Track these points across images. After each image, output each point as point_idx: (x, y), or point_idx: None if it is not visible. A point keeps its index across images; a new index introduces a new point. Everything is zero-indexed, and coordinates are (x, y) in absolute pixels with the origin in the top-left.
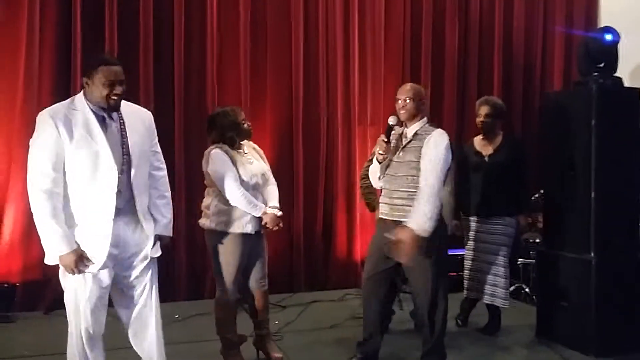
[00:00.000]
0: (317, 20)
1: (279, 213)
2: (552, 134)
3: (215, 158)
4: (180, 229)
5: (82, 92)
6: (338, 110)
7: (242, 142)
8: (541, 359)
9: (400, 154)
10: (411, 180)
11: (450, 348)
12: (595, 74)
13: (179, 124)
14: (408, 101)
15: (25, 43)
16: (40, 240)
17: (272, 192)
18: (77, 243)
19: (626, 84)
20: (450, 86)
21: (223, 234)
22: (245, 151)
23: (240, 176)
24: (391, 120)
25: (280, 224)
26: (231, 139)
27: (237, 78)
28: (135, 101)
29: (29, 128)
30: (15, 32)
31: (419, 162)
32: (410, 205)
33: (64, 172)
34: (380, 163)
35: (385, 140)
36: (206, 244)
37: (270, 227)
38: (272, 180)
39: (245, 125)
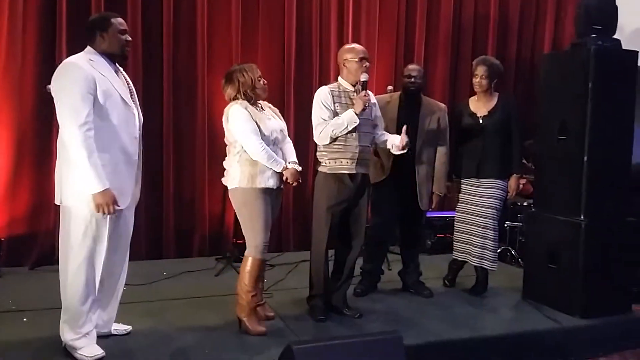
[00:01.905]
0: None
1: (299, 168)
2: (547, 96)
3: (236, 113)
4: (169, 188)
5: (90, 48)
6: (331, 72)
7: (258, 100)
8: (527, 319)
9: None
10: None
11: (438, 307)
12: (593, 35)
13: (168, 84)
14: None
15: (8, 11)
16: (24, 195)
17: (290, 149)
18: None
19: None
20: (444, 46)
21: (247, 190)
22: (263, 108)
23: (260, 131)
24: (363, 77)
25: (300, 180)
26: (248, 96)
27: (228, 41)
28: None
29: (12, 91)
30: None
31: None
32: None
33: (95, 114)
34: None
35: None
36: (231, 203)
37: (291, 182)
38: (288, 138)
39: (262, 82)
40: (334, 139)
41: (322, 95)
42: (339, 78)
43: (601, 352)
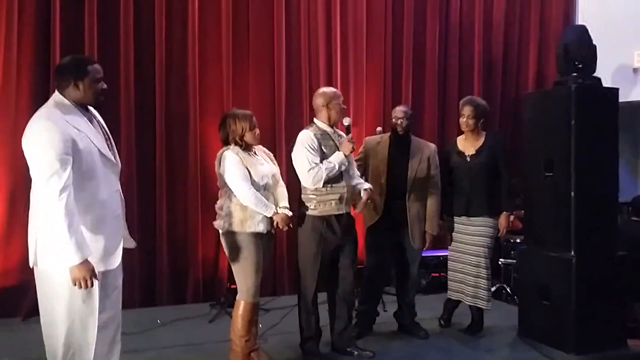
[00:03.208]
0: (299, 22)
1: (290, 213)
2: (532, 134)
3: (227, 159)
4: (162, 231)
5: (59, 94)
6: None
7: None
8: (524, 358)
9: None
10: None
11: (435, 349)
12: (574, 74)
13: (160, 125)
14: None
15: (4, 41)
16: (17, 245)
17: (282, 193)
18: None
19: (605, 84)
20: (431, 86)
21: (238, 234)
22: (256, 153)
23: (251, 177)
24: (347, 122)
25: (291, 224)
26: (238, 143)
27: (219, 82)
28: (116, 97)
29: (6, 127)
30: None
31: None
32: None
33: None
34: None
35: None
36: (222, 247)
37: (281, 227)
38: (281, 182)
39: (254, 133)
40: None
41: (308, 140)
42: (315, 120)
43: None
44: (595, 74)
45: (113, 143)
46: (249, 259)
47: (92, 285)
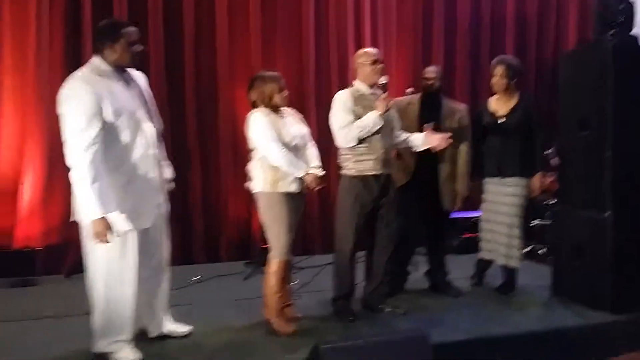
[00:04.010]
0: None
1: (321, 173)
2: (568, 93)
3: (256, 121)
4: (196, 193)
5: (96, 57)
6: (349, 76)
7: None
8: (556, 315)
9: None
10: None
11: (466, 305)
12: (611, 32)
13: (190, 90)
14: None
15: (35, 14)
16: (59, 203)
17: (313, 154)
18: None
19: None
20: (463, 47)
21: (270, 195)
22: (285, 115)
23: (281, 138)
24: (383, 80)
25: (323, 184)
26: (266, 105)
27: (247, 44)
28: (145, 61)
29: (41, 96)
30: (24, 4)
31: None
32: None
33: (104, 134)
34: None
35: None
36: (255, 207)
37: (313, 187)
38: (311, 142)
39: (282, 95)
40: (359, 142)
41: (343, 99)
42: (355, 81)
43: (632, 347)
44: (632, 33)
45: (153, 105)
46: (281, 218)
47: (109, 241)
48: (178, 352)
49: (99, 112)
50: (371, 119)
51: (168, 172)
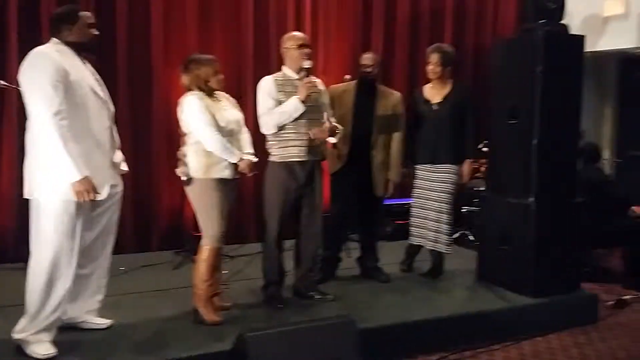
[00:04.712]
0: None
1: (255, 159)
2: (499, 81)
3: (190, 105)
4: (126, 180)
5: (54, 38)
6: None
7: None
8: (479, 299)
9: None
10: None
11: (395, 291)
12: (542, 20)
13: (123, 76)
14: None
15: None
16: None
17: (247, 139)
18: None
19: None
20: (402, 35)
21: (203, 180)
22: (219, 99)
23: (216, 122)
24: (306, 65)
25: (256, 170)
26: (202, 89)
27: (183, 27)
28: None
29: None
30: None
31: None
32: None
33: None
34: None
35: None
36: (186, 194)
37: (246, 173)
38: (245, 128)
39: (218, 78)
40: (280, 128)
41: (265, 85)
42: (283, 67)
43: (551, 330)
44: (564, 22)
45: (105, 88)
46: (213, 205)
47: (94, 198)
48: (101, 343)
49: (63, 80)
50: (292, 105)
51: (118, 156)
